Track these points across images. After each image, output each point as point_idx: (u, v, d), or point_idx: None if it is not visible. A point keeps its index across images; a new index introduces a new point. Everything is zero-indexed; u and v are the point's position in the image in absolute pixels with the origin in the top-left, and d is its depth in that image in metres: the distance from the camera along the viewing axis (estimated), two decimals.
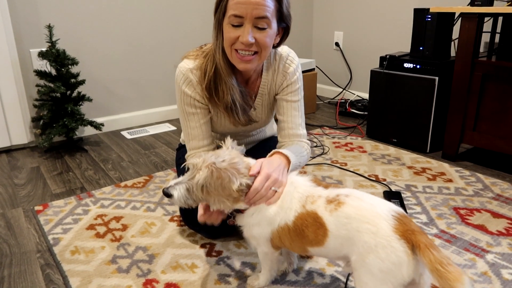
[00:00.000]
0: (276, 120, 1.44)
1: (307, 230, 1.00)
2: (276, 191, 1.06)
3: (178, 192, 1.03)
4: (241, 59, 1.19)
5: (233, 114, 1.30)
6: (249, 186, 1.04)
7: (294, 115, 1.37)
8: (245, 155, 1.11)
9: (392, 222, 0.88)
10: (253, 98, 1.38)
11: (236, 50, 1.18)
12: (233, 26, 1.15)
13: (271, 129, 1.66)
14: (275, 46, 1.29)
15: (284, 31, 1.26)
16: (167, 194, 1.04)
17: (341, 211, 0.94)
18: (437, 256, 0.81)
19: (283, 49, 1.37)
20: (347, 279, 1.22)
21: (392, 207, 0.92)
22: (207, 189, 1.01)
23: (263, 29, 1.16)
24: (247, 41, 1.14)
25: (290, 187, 1.06)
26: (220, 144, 1.18)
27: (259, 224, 1.08)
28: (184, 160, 1.51)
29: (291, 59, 1.36)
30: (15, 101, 2.25)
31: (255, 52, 1.19)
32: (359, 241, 0.90)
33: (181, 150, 1.59)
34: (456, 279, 0.78)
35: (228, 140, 1.11)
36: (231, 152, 1.07)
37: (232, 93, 1.26)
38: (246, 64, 1.20)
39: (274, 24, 1.18)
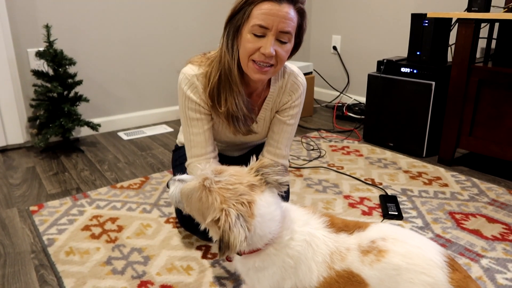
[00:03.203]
0: None
1: None
2: None
3: (174, 189, 0.93)
4: (259, 70, 1.17)
5: (233, 123, 1.28)
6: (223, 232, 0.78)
7: (284, 137, 1.39)
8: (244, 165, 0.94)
9: (447, 270, 0.80)
10: (257, 111, 1.36)
11: (253, 60, 1.16)
12: (255, 36, 1.13)
13: None
14: None
15: (295, 46, 1.24)
16: (167, 185, 0.97)
17: (386, 262, 0.81)
18: None
19: (293, 67, 1.36)
20: None
21: (439, 249, 0.83)
22: (190, 202, 0.87)
23: (284, 43, 1.15)
24: (270, 53, 1.12)
25: (307, 250, 0.86)
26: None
27: (260, 282, 0.90)
28: (180, 162, 1.51)
29: (301, 80, 1.36)
30: (11, 100, 2.25)
31: (271, 65, 1.17)
32: None
33: (178, 152, 1.58)
34: None
35: (255, 161, 0.92)
36: (243, 176, 0.85)
37: (237, 101, 1.23)
38: (261, 75, 1.18)
39: (293, 39, 1.18)
